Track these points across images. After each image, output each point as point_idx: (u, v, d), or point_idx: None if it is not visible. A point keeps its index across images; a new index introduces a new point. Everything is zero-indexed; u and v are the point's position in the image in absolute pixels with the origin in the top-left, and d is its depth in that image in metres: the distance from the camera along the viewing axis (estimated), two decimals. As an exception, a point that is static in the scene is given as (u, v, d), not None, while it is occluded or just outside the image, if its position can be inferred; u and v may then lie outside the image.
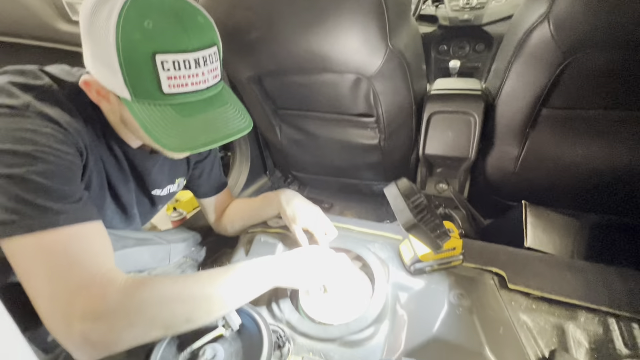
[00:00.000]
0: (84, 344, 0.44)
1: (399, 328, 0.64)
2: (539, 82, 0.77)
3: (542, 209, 0.83)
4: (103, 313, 0.45)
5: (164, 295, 0.50)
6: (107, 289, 0.47)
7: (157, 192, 0.80)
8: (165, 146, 0.49)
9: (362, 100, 0.97)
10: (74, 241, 0.48)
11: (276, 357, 0.61)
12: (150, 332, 0.49)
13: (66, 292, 0.45)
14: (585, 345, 0.58)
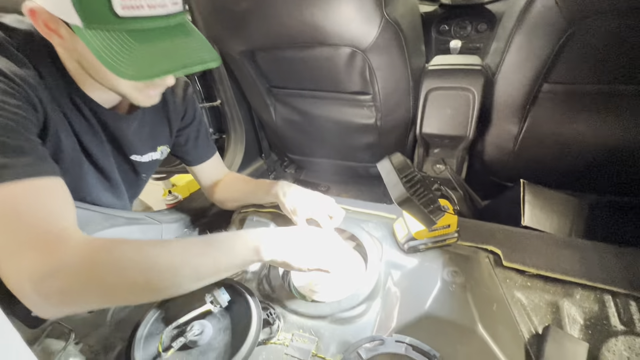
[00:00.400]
0: (37, 301, 0.43)
1: (391, 305, 0.63)
2: (541, 55, 0.74)
3: (541, 188, 0.81)
4: (54, 270, 0.43)
5: (125, 260, 0.47)
6: (59, 247, 0.45)
7: (137, 157, 0.76)
8: (121, 74, 0.46)
9: (357, 76, 0.94)
10: (27, 196, 0.46)
11: (266, 333, 0.60)
12: (109, 298, 0.47)
13: (16, 246, 0.43)
14: (580, 321, 0.57)
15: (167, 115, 0.78)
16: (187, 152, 0.86)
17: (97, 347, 0.59)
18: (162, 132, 0.79)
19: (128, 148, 0.73)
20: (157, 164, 0.86)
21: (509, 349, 0.53)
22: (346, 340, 0.58)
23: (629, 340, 0.53)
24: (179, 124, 0.82)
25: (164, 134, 0.80)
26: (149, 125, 0.76)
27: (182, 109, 0.80)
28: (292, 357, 0.56)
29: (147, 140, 0.77)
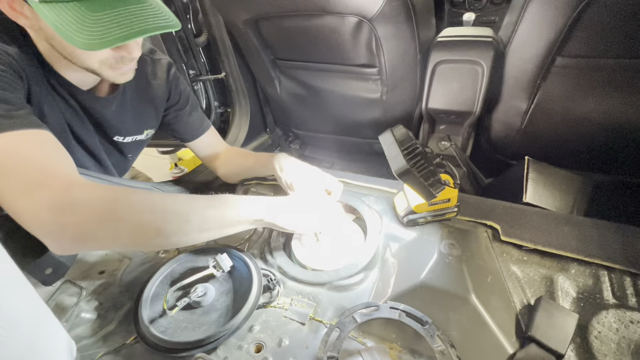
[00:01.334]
0: (55, 231, 0.45)
1: (388, 275, 0.65)
2: (554, 26, 0.70)
3: (546, 165, 0.80)
4: (68, 204, 0.45)
5: (134, 201, 0.49)
6: (69, 185, 0.47)
7: (119, 138, 0.77)
8: (74, 42, 0.46)
9: (364, 48, 0.91)
10: (27, 144, 0.48)
11: (266, 298, 0.63)
12: (120, 235, 0.48)
13: (27, 186, 0.45)
14: (573, 294, 0.58)
15: (152, 98, 0.78)
16: (177, 130, 0.87)
17: (107, 304, 0.62)
18: (147, 115, 0.79)
19: (110, 130, 0.74)
20: (142, 145, 0.87)
21: (500, 317, 0.55)
22: (343, 306, 0.61)
23: (619, 313, 0.54)
24: (164, 104, 0.81)
25: (149, 117, 0.80)
26: (133, 109, 0.76)
27: (167, 90, 0.80)
28: (290, 320, 0.59)
29: (131, 123, 0.77)
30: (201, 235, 0.54)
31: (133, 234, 0.49)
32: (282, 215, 0.62)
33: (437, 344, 0.51)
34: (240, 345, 0.55)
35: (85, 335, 0.57)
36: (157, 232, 0.49)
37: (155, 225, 0.49)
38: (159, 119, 0.83)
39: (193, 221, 0.53)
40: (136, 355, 0.54)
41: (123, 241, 0.49)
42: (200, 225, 0.53)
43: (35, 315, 0.44)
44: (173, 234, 0.51)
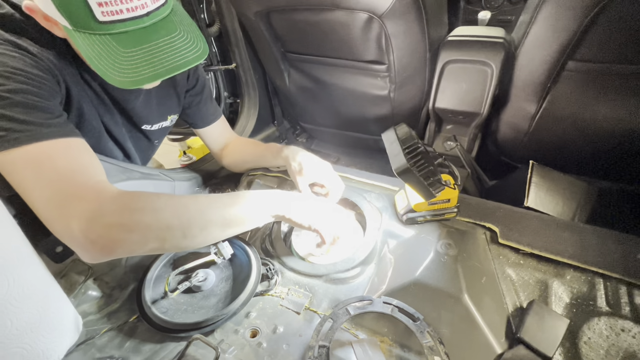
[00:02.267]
0: (85, 243, 0.46)
1: (384, 271, 0.66)
2: (568, 28, 0.69)
3: (550, 170, 0.79)
4: (99, 214, 0.47)
5: (159, 206, 0.51)
6: (100, 194, 0.49)
7: (147, 127, 0.80)
8: (108, 79, 0.48)
9: (373, 44, 0.91)
10: (61, 154, 0.50)
11: (264, 286, 0.65)
12: (148, 241, 0.50)
13: (60, 196, 0.47)
14: (566, 300, 0.59)
15: (174, 84, 0.81)
16: (190, 115, 0.88)
17: (113, 284, 0.65)
18: (170, 101, 0.82)
19: (138, 119, 0.77)
20: (167, 130, 0.90)
21: (491, 318, 0.56)
22: (338, 298, 0.62)
23: (611, 321, 0.54)
24: (185, 85, 0.84)
25: (172, 103, 0.83)
26: (157, 97, 0.78)
27: (186, 75, 0.82)
28: (286, 309, 0.61)
29: (156, 111, 0.80)
30: (224, 233, 0.57)
31: (161, 239, 0.50)
32: (300, 211, 0.64)
33: (426, 340, 0.53)
34: (236, 330, 0.57)
35: (91, 312, 0.60)
36: (183, 235, 0.52)
37: (182, 229, 0.51)
38: (180, 104, 0.85)
39: (216, 221, 0.55)
40: (138, 333, 0.57)
41: (152, 247, 0.50)
42: (222, 224, 0.55)
43: (45, 290, 0.47)
44: (198, 234, 0.53)
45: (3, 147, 0.45)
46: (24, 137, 0.46)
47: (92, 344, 0.55)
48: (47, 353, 0.46)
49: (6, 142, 0.46)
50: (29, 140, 0.47)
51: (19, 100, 0.47)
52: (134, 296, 0.62)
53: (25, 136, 0.47)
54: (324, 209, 0.67)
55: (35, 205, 0.48)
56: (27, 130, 0.47)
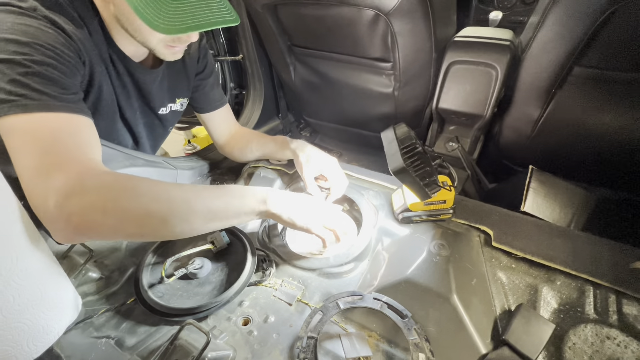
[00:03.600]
0: (58, 221, 0.45)
1: (377, 268, 0.67)
2: (576, 34, 0.68)
3: (549, 176, 0.79)
4: (77, 191, 0.46)
5: (140, 190, 0.50)
6: (85, 171, 0.49)
7: (163, 110, 0.82)
8: (155, 27, 0.50)
9: (379, 41, 0.91)
10: (63, 127, 0.51)
11: (258, 276, 0.66)
12: (124, 224, 0.48)
13: (46, 167, 0.47)
14: (554, 305, 0.59)
15: (185, 68, 0.82)
16: (197, 99, 0.90)
17: (113, 267, 0.67)
18: (181, 84, 0.83)
19: (154, 102, 0.79)
20: (178, 115, 0.91)
21: (478, 319, 0.57)
22: (330, 292, 0.64)
23: (597, 328, 0.55)
24: (194, 69, 0.85)
25: (183, 86, 0.84)
26: (169, 78, 0.80)
27: (196, 57, 0.84)
28: (279, 299, 0.62)
29: (167, 92, 0.82)
30: (206, 226, 0.55)
31: (138, 224, 0.49)
32: (287, 209, 0.62)
33: (413, 337, 0.54)
34: (229, 317, 0.59)
35: (91, 292, 0.62)
36: (162, 222, 0.50)
37: (161, 215, 0.50)
38: (190, 88, 0.87)
39: (198, 211, 0.53)
40: (134, 315, 0.59)
41: (128, 231, 0.49)
42: (205, 216, 0.54)
43: (46, 269, 0.49)
44: (178, 223, 0.52)
45: (12, 111, 0.47)
46: (33, 105, 0.48)
47: (91, 323, 0.57)
48: (47, 329, 0.48)
49: (15, 107, 0.47)
50: (37, 109, 0.48)
51: (39, 70, 0.49)
52: (132, 279, 0.64)
53: (35, 104, 0.48)
54: (312, 207, 0.66)
55: (21, 174, 0.47)
56: (39, 99, 0.48)
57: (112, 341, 0.54)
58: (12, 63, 0.47)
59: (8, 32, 0.48)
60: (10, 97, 0.47)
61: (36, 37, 0.49)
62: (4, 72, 0.47)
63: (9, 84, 0.47)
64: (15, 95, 0.47)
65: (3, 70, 0.47)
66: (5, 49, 0.47)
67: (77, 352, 0.53)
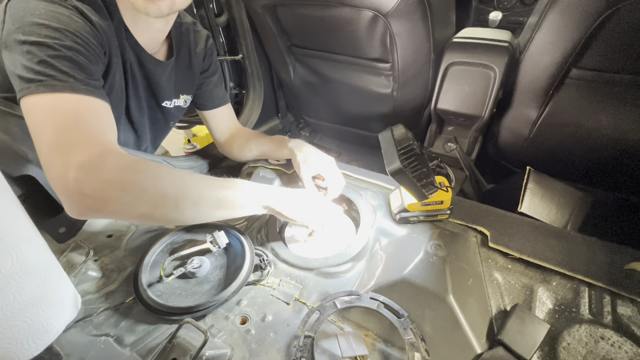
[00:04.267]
0: (76, 194, 0.46)
1: (374, 268, 0.68)
2: (573, 36, 0.69)
3: (546, 177, 0.80)
4: (98, 167, 0.47)
5: (158, 173, 0.53)
6: (106, 151, 0.50)
7: (167, 104, 0.84)
8: None
9: (378, 42, 0.91)
10: (87, 109, 0.52)
11: (256, 276, 0.67)
12: (139, 204, 0.50)
13: (69, 143, 0.48)
14: (549, 305, 0.60)
15: (191, 65, 0.84)
16: (200, 96, 0.91)
17: (112, 266, 0.68)
18: (186, 80, 0.85)
19: (160, 94, 0.80)
20: (181, 112, 0.93)
21: (473, 319, 0.57)
22: (327, 291, 0.64)
23: (591, 329, 0.55)
24: (200, 67, 0.87)
25: (188, 82, 0.86)
26: (176, 74, 0.82)
27: (202, 56, 0.86)
28: (276, 299, 0.63)
29: (173, 87, 0.83)
30: (214, 213, 0.58)
31: (153, 205, 0.51)
32: (289, 205, 0.66)
33: (409, 336, 0.54)
34: (227, 316, 0.59)
35: (90, 291, 0.63)
36: (174, 205, 0.52)
37: (175, 198, 0.52)
38: (194, 85, 0.88)
39: (208, 198, 0.56)
40: (133, 314, 0.59)
41: (142, 211, 0.51)
42: (214, 203, 0.57)
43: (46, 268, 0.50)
44: (189, 207, 0.54)
45: (39, 90, 0.48)
46: (60, 86, 0.49)
47: (90, 321, 0.58)
48: (47, 327, 0.49)
49: (42, 87, 0.48)
50: (63, 90, 0.49)
51: (68, 55, 0.51)
52: (131, 279, 0.65)
53: (62, 85, 0.49)
54: (313, 203, 0.70)
55: (41, 149, 0.49)
56: (66, 81, 0.50)
57: (112, 339, 0.54)
58: (43, 45, 0.49)
59: (41, 17, 0.50)
60: (38, 76, 0.48)
61: (67, 25, 0.52)
62: (35, 54, 0.49)
63: (39, 64, 0.49)
64: (43, 75, 0.49)
65: (34, 52, 0.49)
66: (38, 32, 0.49)
67: (76, 349, 0.53)
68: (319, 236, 0.76)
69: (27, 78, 0.49)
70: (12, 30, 0.50)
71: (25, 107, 0.50)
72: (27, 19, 0.50)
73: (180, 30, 0.79)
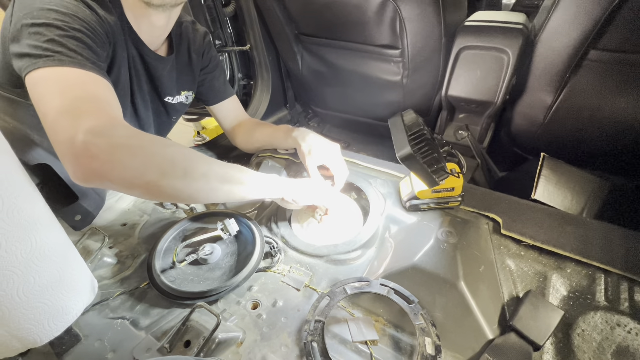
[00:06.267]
0: (84, 155, 0.45)
1: (384, 255, 0.68)
2: (592, 15, 0.66)
3: (561, 163, 0.77)
4: (108, 132, 0.46)
5: (167, 143, 0.52)
6: (115, 120, 0.50)
7: (169, 99, 0.85)
8: None
9: (387, 27, 0.89)
10: (95, 84, 0.52)
11: (267, 263, 0.68)
12: (147, 169, 0.48)
13: (79, 109, 0.47)
14: (564, 292, 0.59)
15: (191, 62, 0.85)
16: (203, 92, 0.93)
17: (126, 252, 0.69)
18: (187, 77, 0.86)
19: (162, 88, 0.81)
20: (184, 107, 0.94)
21: (485, 305, 0.57)
22: (337, 278, 0.64)
23: (607, 316, 0.54)
24: (200, 64, 0.88)
25: (188, 79, 0.87)
26: (177, 69, 0.83)
27: (201, 52, 0.87)
28: (287, 285, 0.63)
29: (175, 84, 0.84)
30: (222, 188, 0.56)
31: (161, 171, 0.49)
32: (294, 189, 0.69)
33: (419, 322, 0.54)
34: (238, 301, 0.60)
35: (106, 276, 0.65)
36: (184, 173, 0.51)
37: (184, 165, 0.51)
38: (195, 82, 0.89)
39: (217, 172, 0.56)
40: (147, 298, 0.61)
41: (150, 177, 0.49)
42: (222, 176, 0.56)
43: (64, 253, 0.51)
44: (198, 178, 0.53)
45: (46, 64, 0.48)
46: (68, 61, 0.50)
47: (107, 305, 0.60)
48: (65, 310, 0.50)
49: (50, 61, 0.49)
50: (71, 65, 0.50)
51: (76, 35, 0.52)
52: (145, 264, 0.66)
53: (70, 61, 0.50)
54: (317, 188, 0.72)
55: (48, 113, 0.47)
56: (73, 57, 0.51)
57: (127, 322, 0.56)
58: (52, 26, 0.50)
59: (51, 4, 0.52)
60: (46, 52, 0.49)
61: (75, 12, 0.53)
62: (43, 34, 0.50)
63: (47, 42, 0.49)
64: (52, 51, 0.49)
65: (42, 32, 0.50)
66: (46, 15, 0.50)
67: (94, 331, 0.55)
68: (327, 222, 0.76)
69: (35, 54, 0.49)
70: (20, 17, 0.51)
71: (32, 81, 0.49)
72: (36, 5, 0.51)
73: (180, 29, 0.80)
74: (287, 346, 0.53)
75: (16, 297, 0.44)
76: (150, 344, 0.51)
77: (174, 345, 0.50)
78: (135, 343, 0.52)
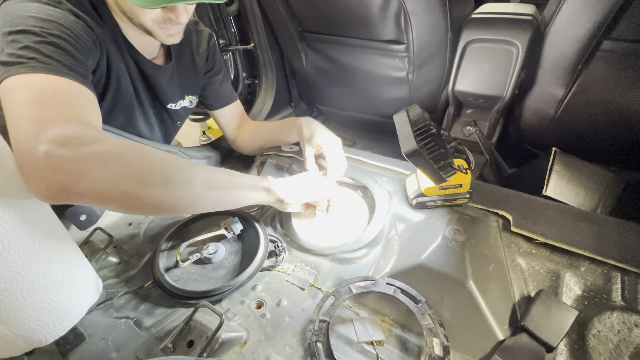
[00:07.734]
0: (45, 167, 0.39)
1: (390, 253, 0.66)
2: (605, 3, 0.63)
3: (573, 158, 0.75)
4: (75, 141, 0.41)
5: (143, 149, 0.47)
6: (86, 127, 0.45)
7: (172, 105, 0.84)
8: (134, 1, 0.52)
9: (392, 22, 0.88)
10: (68, 90, 0.49)
11: (271, 262, 0.67)
12: (122, 179, 0.43)
13: (45, 118, 0.43)
14: (578, 292, 0.57)
15: (194, 66, 0.84)
16: (207, 96, 0.92)
17: (131, 252, 0.69)
18: (190, 82, 0.85)
19: (163, 97, 0.81)
20: (188, 112, 0.94)
21: (495, 305, 0.55)
22: (342, 277, 0.63)
23: (624, 316, 0.52)
24: (204, 67, 0.87)
25: (192, 83, 0.86)
26: (179, 75, 0.82)
27: (205, 56, 0.86)
28: (291, 284, 0.63)
29: (177, 89, 0.84)
30: (208, 194, 0.51)
31: (138, 180, 0.43)
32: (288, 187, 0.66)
33: (426, 322, 0.53)
34: (242, 301, 0.59)
35: (111, 276, 0.65)
36: (164, 180, 0.45)
37: (163, 172, 0.46)
38: (199, 86, 0.89)
39: (201, 176, 0.50)
40: (152, 298, 0.61)
41: (125, 188, 0.43)
42: (208, 182, 0.51)
43: (67, 253, 0.51)
44: (180, 184, 0.47)
45: (18, 71, 0.46)
46: (41, 68, 0.47)
47: (111, 304, 0.60)
48: (70, 309, 0.50)
49: (23, 68, 0.46)
50: (44, 71, 0.47)
51: (53, 41, 0.50)
52: (149, 264, 0.66)
53: (43, 67, 0.47)
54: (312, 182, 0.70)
55: (14, 123, 0.43)
56: (48, 63, 0.48)
57: (131, 321, 0.56)
58: (29, 33, 0.49)
59: (32, 12, 0.51)
60: (20, 60, 0.47)
61: (57, 18, 0.52)
62: (19, 41, 0.48)
63: (22, 49, 0.47)
64: (25, 58, 0.47)
65: (19, 39, 0.48)
66: (25, 22, 0.49)
67: (99, 331, 0.55)
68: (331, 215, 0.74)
69: (8, 62, 0.46)
70: (0, 26, 0.50)
71: (3, 90, 0.46)
72: (16, 13, 0.50)
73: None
74: (292, 346, 0.52)
75: (20, 298, 0.44)
76: (154, 343, 0.51)
77: (177, 345, 0.49)
78: (139, 343, 0.52)
